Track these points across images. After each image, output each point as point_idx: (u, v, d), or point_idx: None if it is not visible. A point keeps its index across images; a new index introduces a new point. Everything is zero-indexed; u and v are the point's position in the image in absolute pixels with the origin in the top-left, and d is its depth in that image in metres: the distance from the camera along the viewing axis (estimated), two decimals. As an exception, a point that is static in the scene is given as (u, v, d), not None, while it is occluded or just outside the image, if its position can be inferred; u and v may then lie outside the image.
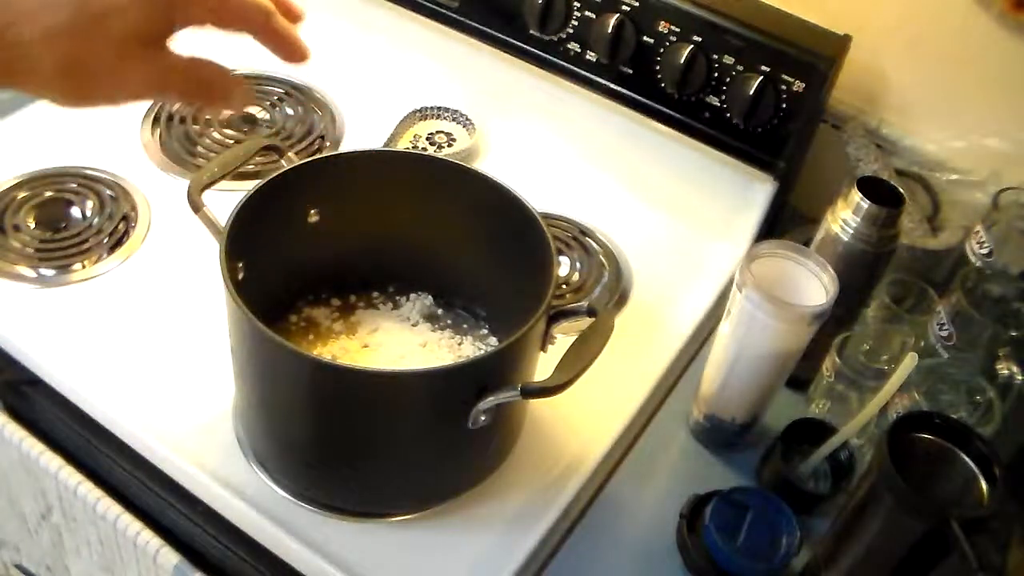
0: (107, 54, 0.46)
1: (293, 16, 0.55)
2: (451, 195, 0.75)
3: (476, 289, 0.81)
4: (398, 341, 0.79)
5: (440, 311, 0.82)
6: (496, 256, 0.76)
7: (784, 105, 0.88)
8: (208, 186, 0.69)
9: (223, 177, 0.70)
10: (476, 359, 0.69)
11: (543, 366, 0.65)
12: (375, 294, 0.83)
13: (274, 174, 0.70)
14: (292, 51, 0.53)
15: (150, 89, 0.50)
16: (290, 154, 0.75)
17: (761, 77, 0.87)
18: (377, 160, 0.78)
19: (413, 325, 0.81)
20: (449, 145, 1.02)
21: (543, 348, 0.68)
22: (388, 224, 0.78)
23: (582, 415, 0.78)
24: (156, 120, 0.99)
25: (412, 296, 0.82)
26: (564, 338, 0.66)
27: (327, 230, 0.77)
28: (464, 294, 0.82)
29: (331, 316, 0.80)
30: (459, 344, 0.80)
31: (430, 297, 0.82)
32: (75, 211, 0.88)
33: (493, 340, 0.81)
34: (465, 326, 0.82)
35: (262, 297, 0.64)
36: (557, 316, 0.67)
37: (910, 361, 0.67)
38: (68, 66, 0.46)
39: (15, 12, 0.45)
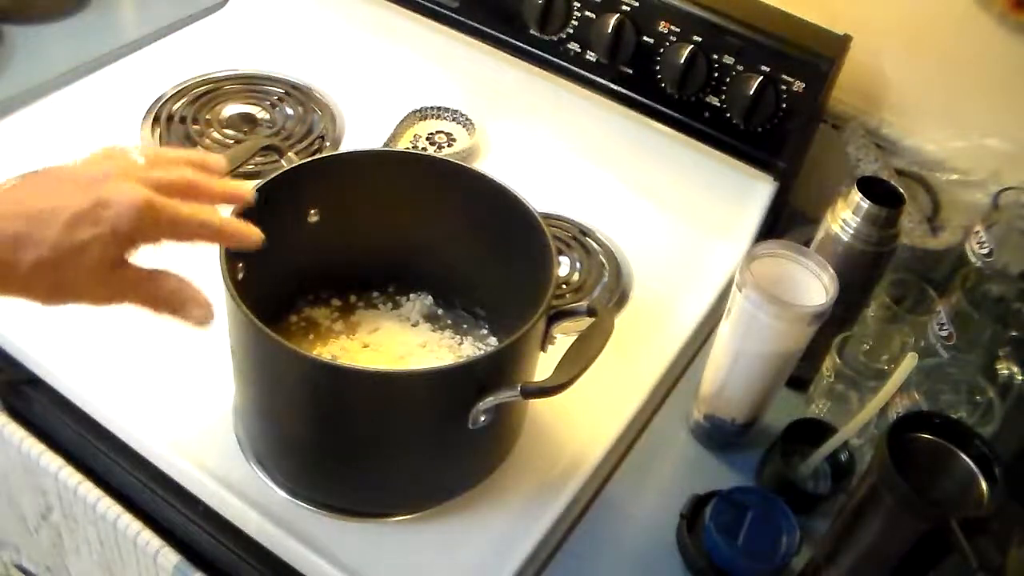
0: (81, 278, 0.54)
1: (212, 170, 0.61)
2: (451, 195, 0.75)
3: (476, 289, 0.81)
4: (398, 341, 0.79)
5: (440, 311, 0.82)
6: (496, 256, 0.76)
7: (784, 105, 0.88)
8: (208, 186, 0.69)
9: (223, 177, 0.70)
10: (476, 359, 0.69)
11: (543, 366, 0.65)
12: (375, 294, 0.82)
13: (274, 174, 0.70)
14: (244, 239, 0.60)
15: (112, 300, 0.57)
16: (290, 154, 0.75)
17: (761, 77, 0.87)
18: (377, 160, 0.78)
19: (413, 325, 0.81)
20: (449, 145, 1.02)
21: (543, 348, 0.68)
22: (388, 224, 0.78)
23: (582, 415, 0.78)
24: (156, 120, 0.99)
25: (412, 296, 0.82)
26: (564, 338, 0.66)
27: (327, 230, 0.77)
28: (464, 294, 0.82)
29: (331, 316, 0.80)
30: (459, 344, 0.80)
31: (430, 297, 0.82)
32: (75, 211, 0.88)
33: (493, 340, 0.81)
34: (465, 326, 0.82)
35: (262, 297, 0.64)
36: (557, 316, 0.67)
37: (910, 361, 0.67)
38: (50, 286, 0.54)
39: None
